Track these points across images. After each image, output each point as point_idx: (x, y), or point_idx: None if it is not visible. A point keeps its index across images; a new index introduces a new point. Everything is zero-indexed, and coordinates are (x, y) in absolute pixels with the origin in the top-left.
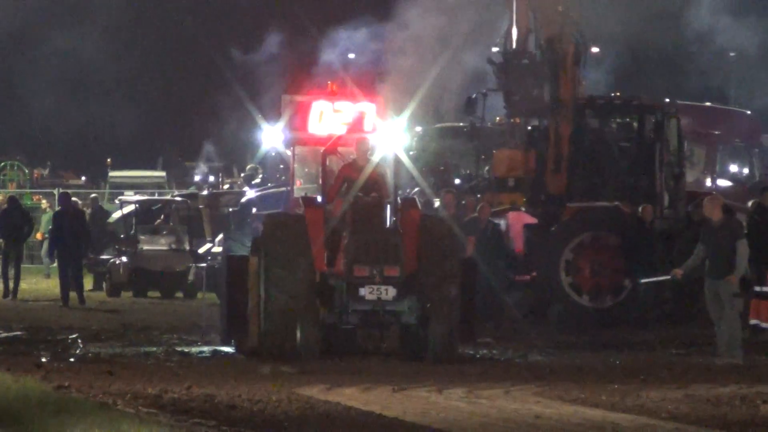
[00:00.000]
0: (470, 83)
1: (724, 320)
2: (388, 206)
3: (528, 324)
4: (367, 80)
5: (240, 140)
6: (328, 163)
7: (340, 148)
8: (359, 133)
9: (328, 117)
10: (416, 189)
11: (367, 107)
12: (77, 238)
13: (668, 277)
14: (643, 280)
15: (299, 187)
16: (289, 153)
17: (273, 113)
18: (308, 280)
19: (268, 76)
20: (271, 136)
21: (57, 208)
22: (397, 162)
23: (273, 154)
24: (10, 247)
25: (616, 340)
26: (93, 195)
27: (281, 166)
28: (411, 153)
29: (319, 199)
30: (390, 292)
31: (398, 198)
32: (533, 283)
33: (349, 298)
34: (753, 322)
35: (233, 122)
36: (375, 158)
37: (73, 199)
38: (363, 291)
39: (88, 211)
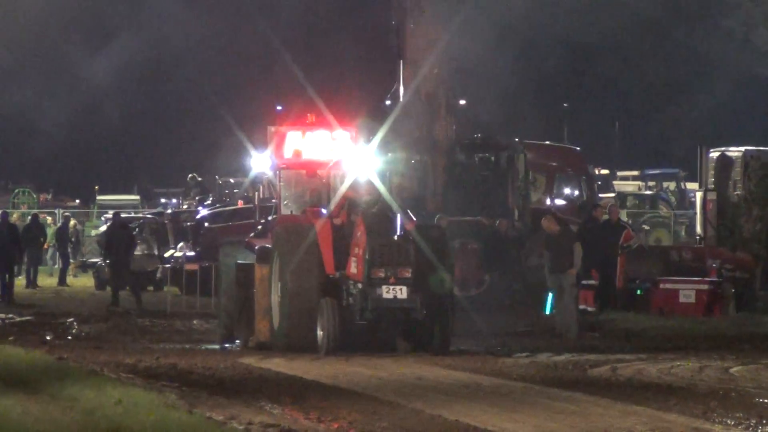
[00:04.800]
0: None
1: (564, 304)
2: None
3: None
4: (342, 111)
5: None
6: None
7: (319, 171)
8: (337, 158)
9: (307, 144)
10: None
11: (342, 135)
12: (8, 247)
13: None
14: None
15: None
16: (274, 177)
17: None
18: (320, 282)
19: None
20: (259, 162)
21: None
22: (390, 180)
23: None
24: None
25: (478, 322)
26: (33, 212)
27: (226, 191)
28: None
29: (324, 211)
30: (404, 291)
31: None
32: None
33: (369, 297)
34: (581, 307)
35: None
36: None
37: (66, 214)
38: (380, 290)
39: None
